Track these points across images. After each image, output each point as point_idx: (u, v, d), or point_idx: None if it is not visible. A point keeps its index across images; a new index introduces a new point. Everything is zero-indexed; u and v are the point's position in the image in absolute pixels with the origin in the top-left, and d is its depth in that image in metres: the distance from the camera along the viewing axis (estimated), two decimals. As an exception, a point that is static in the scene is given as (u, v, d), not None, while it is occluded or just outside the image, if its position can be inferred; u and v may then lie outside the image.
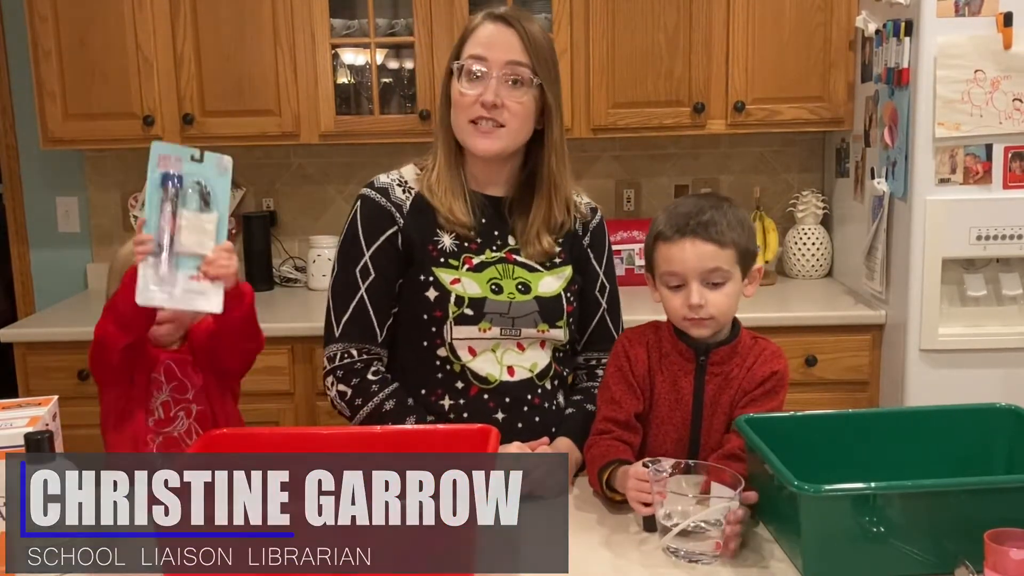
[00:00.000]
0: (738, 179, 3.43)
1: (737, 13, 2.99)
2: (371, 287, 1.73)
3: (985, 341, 2.60)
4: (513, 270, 1.74)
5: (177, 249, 1.47)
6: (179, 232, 1.47)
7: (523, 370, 1.73)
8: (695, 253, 1.53)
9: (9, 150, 3.43)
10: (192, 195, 1.47)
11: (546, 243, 1.76)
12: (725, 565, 1.35)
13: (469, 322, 1.70)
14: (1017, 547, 1.15)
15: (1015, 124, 2.50)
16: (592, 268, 1.84)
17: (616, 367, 1.64)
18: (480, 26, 1.72)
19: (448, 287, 1.70)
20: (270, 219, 3.41)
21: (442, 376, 1.72)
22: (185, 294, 1.49)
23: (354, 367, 1.72)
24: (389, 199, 1.75)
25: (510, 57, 1.68)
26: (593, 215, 1.86)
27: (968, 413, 1.57)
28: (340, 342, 1.73)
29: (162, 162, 1.46)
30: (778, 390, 1.60)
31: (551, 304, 1.74)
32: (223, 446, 1.50)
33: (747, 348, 1.62)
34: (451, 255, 1.73)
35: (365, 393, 1.71)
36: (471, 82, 1.69)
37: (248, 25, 3.01)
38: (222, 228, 1.49)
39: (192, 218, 1.47)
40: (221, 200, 1.49)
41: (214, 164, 1.48)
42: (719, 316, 1.56)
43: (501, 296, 1.71)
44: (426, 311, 1.71)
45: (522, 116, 1.70)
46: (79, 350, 2.83)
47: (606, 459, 1.54)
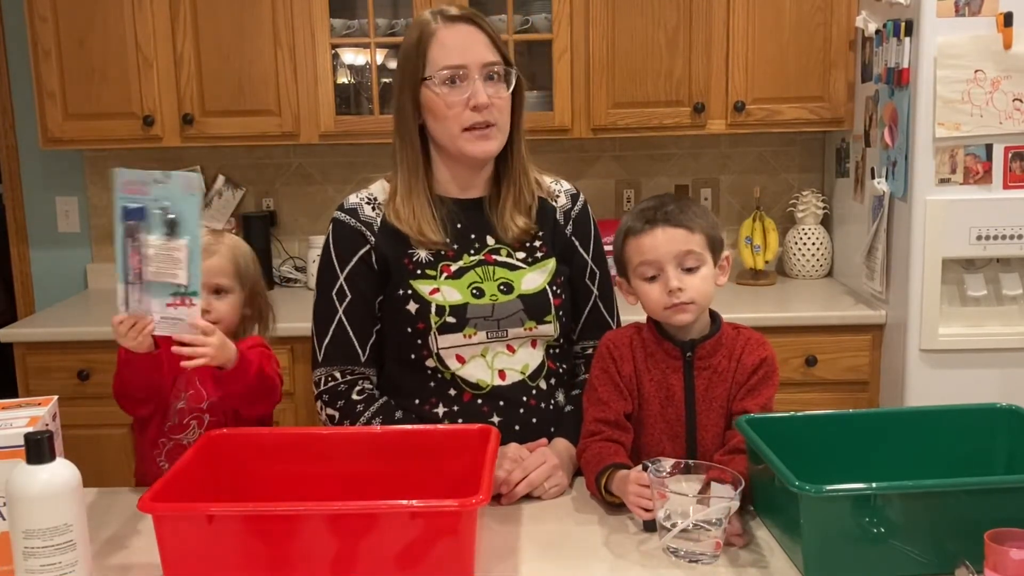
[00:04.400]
0: (738, 179, 3.43)
1: (737, 13, 2.99)
2: (348, 308, 1.73)
3: (985, 341, 2.60)
4: (494, 271, 1.73)
5: (147, 279, 1.48)
6: (147, 263, 1.47)
7: (514, 373, 1.72)
8: (666, 238, 1.55)
9: (9, 150, 3.43)
10: (157, 222, 1.46)
11: (521, 223, 1.75)
12: (725, 565, 1.35)
13: (453, 330, 1.69)
14: (1017, 547, 1.15)
15: (1015, 124, 2.50)
16: (579, 256, 1.83)
17: (602, 368, 1.63)
18: (438, 31, 1.68)
19: (427, 298, 1.69)
20: (270, 219, 3.41)
21: (434, 385, 1.72)
22: (163, 321, 1.51)
23: (338, 389, 1.73)
24: (359, 219, 1.75)
25: (486, 58, 1.68)
26: (574, 202, 1.85)
27: (968, 413, 1.56)
28: (324, 366, 1.74)
29: (126, 188, 1.46)
30: (771, 376, 1.61)
31: (536, 300, 1.73)
32: (223, 446, 1.50)
33: (731, 339, 1.62)
34: (428, 265, 1.72)
35: (352, 414, 1.71)
36: (452, 89, 1.67)
37: (248, 25, 3.01)
38: (195, 252, 1.47)
39: (159, 246, 1.47)
40: (190, 221, 1.46)
41: (180, 185, 1.46)
42: (699, 300, 1.56)
43: (483, 299, 1.70)
44: (409, 324, 1.70)
45: (506, 110, 1.72)
46: (79, 350, 2.84)
47: (601, 463, 1.54)
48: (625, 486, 1.46)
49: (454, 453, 1.48)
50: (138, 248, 1.46)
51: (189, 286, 1.49)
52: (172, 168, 3.39)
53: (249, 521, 1.26)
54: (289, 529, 1.25)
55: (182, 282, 1.48)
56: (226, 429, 1.55)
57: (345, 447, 1.53)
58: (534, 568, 1.36)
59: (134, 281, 1.47)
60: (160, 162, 3.41)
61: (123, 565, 1.39)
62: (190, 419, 1.71)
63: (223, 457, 1.49)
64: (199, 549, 1.26)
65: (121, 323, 1.51)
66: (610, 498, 1.52)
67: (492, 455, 1.39)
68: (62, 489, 1.23)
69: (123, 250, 1.46)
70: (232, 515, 1.27)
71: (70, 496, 1.23)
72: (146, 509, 1.25)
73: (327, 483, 1.49)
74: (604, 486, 1.52)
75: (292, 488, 1.48)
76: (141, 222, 1.46)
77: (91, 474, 1.39)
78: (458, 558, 1.26)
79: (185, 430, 1.70)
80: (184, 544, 1.27)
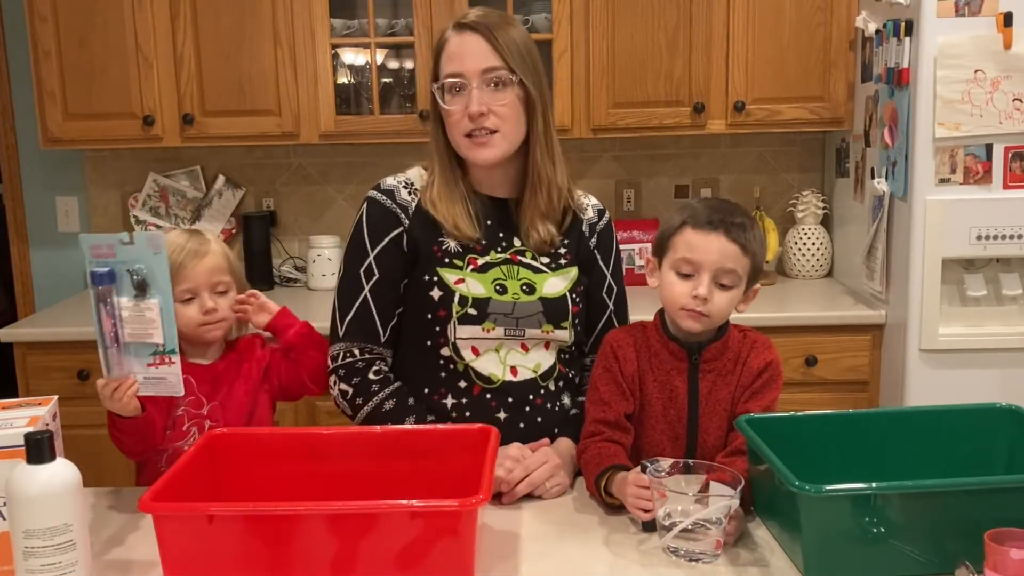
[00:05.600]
0: (738, 179, 3.43)
1: (737, 13, 2.99)
2: (375, 287, 1.74)
3: (985, 341, 2.60)
4: (518, 271, 1.74)
5: (124, 340, 1.49)
6: (122, 325, 1.48)
7: (526, 370, 1.73)
8: (720, 248, 1.53)
9: (9, 150, 3.43)
10: (127, 284, 1.47)
11: (543, 231, 1.76)
12: (725, 565, 1.35)
13: (473, 322, 1.70)
14: (1017, 547, 1.15)
15: (1015, 124, 2.50)
16: (599, 269, 1.84)
17: (604, 367, 1.63)
18: (449, 40, 1.72)
19: (452, 287, 1.70)
20: (270, 219, 3.41)
21: (445, 375, 1.73)
22: (146, 381, 1.51)
23: (356, 366, 1.73)
24: (395, 201, 1.76)
25: (484, 65, 1.68)
26: (600, 217, 1.87)
27: (968, 413, 1.56)
28: (343, 341, 1.74)
29: (94, 251, 1.46)
30: (776, 379, 1.60)
31: (556, 305, 1.74)
32: (223, 446, 1.50)
33: (737, 342, 1.62)
34: (456, 256, 1.73)
35: (366, 392, 1.71)
36: (454, 97, 1.70)
37: (248, 25, 3.01)
38: (166, 311, 1.47)
39: (131, 307, 1.47)
40: (160, 280, 1.47)
41: (145, 244, 1.45)
42: (715, 316, 1.56)
43: (505, 296, 1.71)
44: (430, 311, 1.71)
45: (511, 117, 1.70)
46: (79, 350, 2.84)
47: (601, 465, 1.54)
48: (624, 487, 1.46)
49: (454, 453, 1.48)
50: (111, 311, 1.47)
51: (166, 345, 1.50)
52: (172, 168, 3.42)
53: (249, 521, 1.26)
54: (289, 529, 1.25)
55: (158, 341, 1.49)
56: (226, 429, 1.55)
57: (345, 447, 1.53)
58: (534, 568, 1.36)
59: (111, 344, 1.48)
60: (160, 162, 3.42)
61: (123, 565, 1.39)
62: (190, 425, 1.71)
63: (223, 457, 1.49)
64: (199, 549, 1.26)
65: (105, 386, 1.52)
66: (610, 499, 1.52)
67: (492, 455, 1.39)
68: (62, 489, 1.23)
69: (97, 315, 1.47)
70: (232, 515, 1.27)
71: (70, 496, 1.23)
72: (146, 509, 1.25)
73: (327, 483, 1.49)
74: (604, 488, 1.52)
75: (292, 488, 1.48)
76: (112, 285, 1.46)
77: (91, 474, 1.39)
78: (458, 558, 1.26)
79: (185, 436, 1.70)
80: (184, 544, 1.27)
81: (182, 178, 3.43)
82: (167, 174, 3.42)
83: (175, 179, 3.43)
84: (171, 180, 3.43)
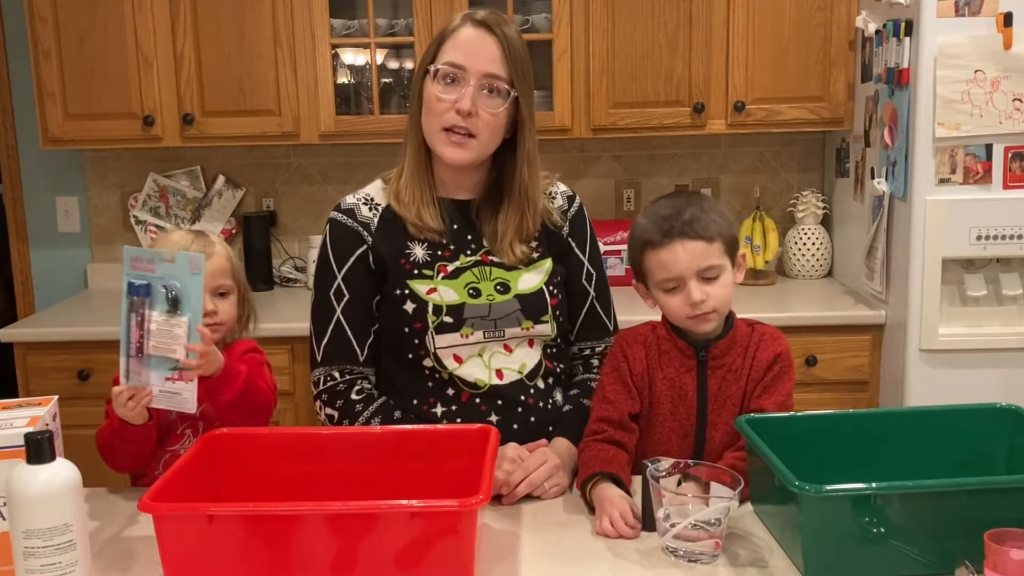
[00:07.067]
0: (738, 179, 3.43)
1: (737, 13, 2.99)
2: (346, 308, 1.73)
3: (985, 341, 2.60)
4: (491, 271, 1.74)
5: (148, 352, 1.52)
6: (149, 337, 1.51)
7: (512, 372, 1.72)
8: (687, 253, 1.54)
9: (9, 150, 3.43)
10: (160, 299, 1.51)
11: (519, 252, 1.75)
12: (725, 565, 1.35)
13: (450, 330, 1.69)
14: (1017, 547, 1.15)
15: (1015, 124, 2.50)
16: (575, 257, 1.83)
17: (612, 367, 1.64)
18: (460, 29, 1.70)
19: (424, 298, 1.70)
20: (270, 219, 3.41)
21: (432, 385, 1.72)
22: (161, 394, 1.54)
23: (337, 389, 1.73)
24: (356, 219, 1.75)
25: (490, 69, 1.67)
26: (570, 203, 1.85)
27: (968, 413, 1.56)
28: (322, 366, 1.74)
29: (134, 264, 1.51)
30: (787, 370, 1.61)
31: (533, 300, 1.73)
32: (223, 446, 1.50)
33: (745, 336, 1.63)
34: (424, 265, 1.72)
35: (351, 414, 1.71)
36: (447, 87, 1.68)
37: (248, 25, 3.01)
38: (192, 330, 1.52)
39: (161, 322, 1.51)
40: (193, 299, 1.51)
41: (186, 264, 1.50)
42: (720, 308, 1.57)
43: (479, 299, 1.71)
44: (406, 324, 1.70)
45: (494, 127, 1.70)
46: (79, 350, 2.84)
47: (591, 469, 1.54)
48: (603, 505, 1.46)
49: (454, 453, 1.48)
50: (141, 323, 1.51)
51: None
52: (172, 168, 3.42)
53: (249, 521, 1.26)
54: (289, 529, 1.25)
55: (181, 357, 1.52)
56: (226, 429, 1.55)
57: (345, 447, 1.53)
58: (534, 568, 1.36)
59: (135, 354, 1.52)
60: (160, 162, 3.41)
61: (123, 565, 1.39)
62: (184, 428, 1.71)
63: (223, 457, 1.49)
64: (199, 549, 1.26)
65: (121, 393, 1.54)
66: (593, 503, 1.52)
67: (492, 455, 1.39)
68: (62, 489, 1.23)
69: (126, 324, 1.51)
70: (232, 515, 1.27)
71: (70, 496, 1.24)
72: (146, 509, 1.25)
73: (327, 483, 1.49)
74: (588, 492, 1.52)
75: (292, 488, 1.48)
76: (146, 298, 1.51)
77: (91, 474, 1.39)
78: (458, 558, 1.26)
79: (180, 440, 1.70)
80: (184, 544, 1.27)
81: (182, 178, 3.43)
82: (167, 174, 3.42)
83: (175, 179, 3.43)
84: (171, 180, 3.43)
